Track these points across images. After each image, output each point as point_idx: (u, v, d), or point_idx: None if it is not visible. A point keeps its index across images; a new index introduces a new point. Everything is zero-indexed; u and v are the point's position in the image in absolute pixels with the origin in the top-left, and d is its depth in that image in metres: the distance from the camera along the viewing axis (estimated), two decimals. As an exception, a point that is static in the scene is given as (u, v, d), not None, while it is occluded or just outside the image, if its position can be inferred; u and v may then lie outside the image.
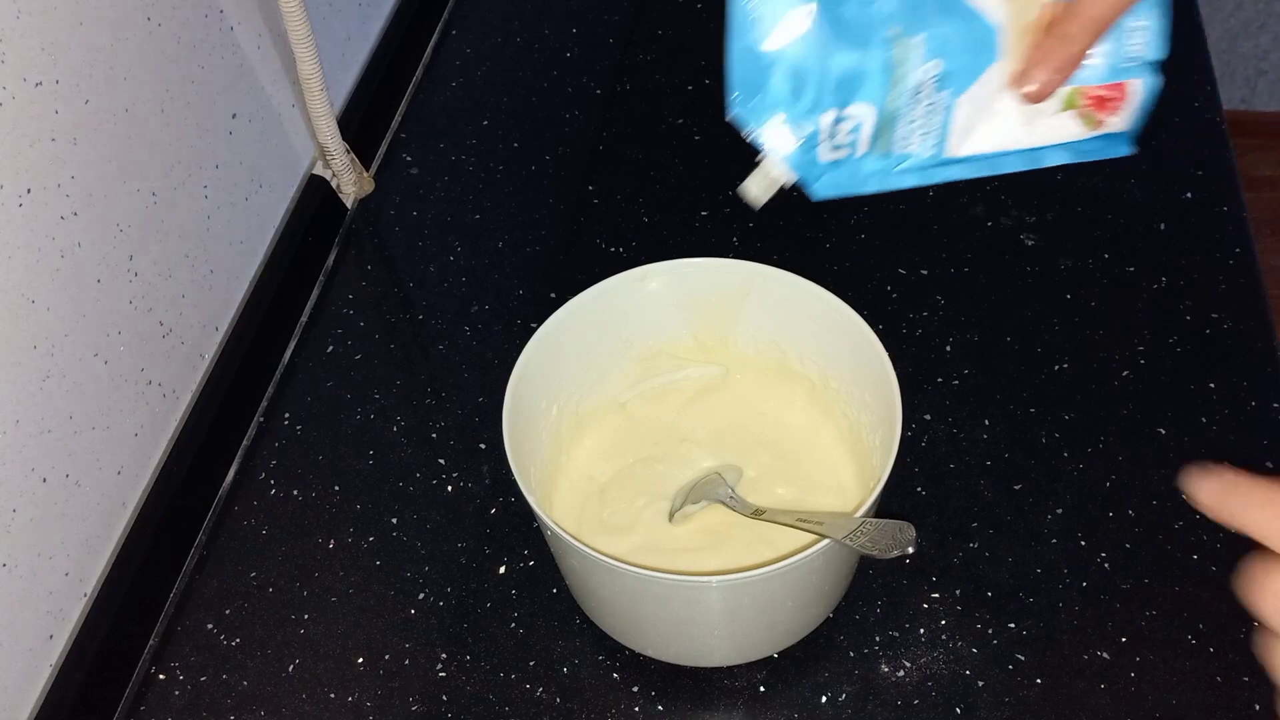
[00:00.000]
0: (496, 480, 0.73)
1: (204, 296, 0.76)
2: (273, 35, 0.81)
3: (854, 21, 0.46)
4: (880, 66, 0.46)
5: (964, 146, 0.48)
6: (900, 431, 0.55)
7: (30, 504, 0.61)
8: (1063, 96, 0.46)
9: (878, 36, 0.46)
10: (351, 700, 0.64)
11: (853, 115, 0.47)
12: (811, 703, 0.62)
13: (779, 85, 0.46)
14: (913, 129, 0.47)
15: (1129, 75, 0.46)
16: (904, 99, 0.47)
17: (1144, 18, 0.45)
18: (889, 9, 0.46)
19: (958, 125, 0.47)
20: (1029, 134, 0.47)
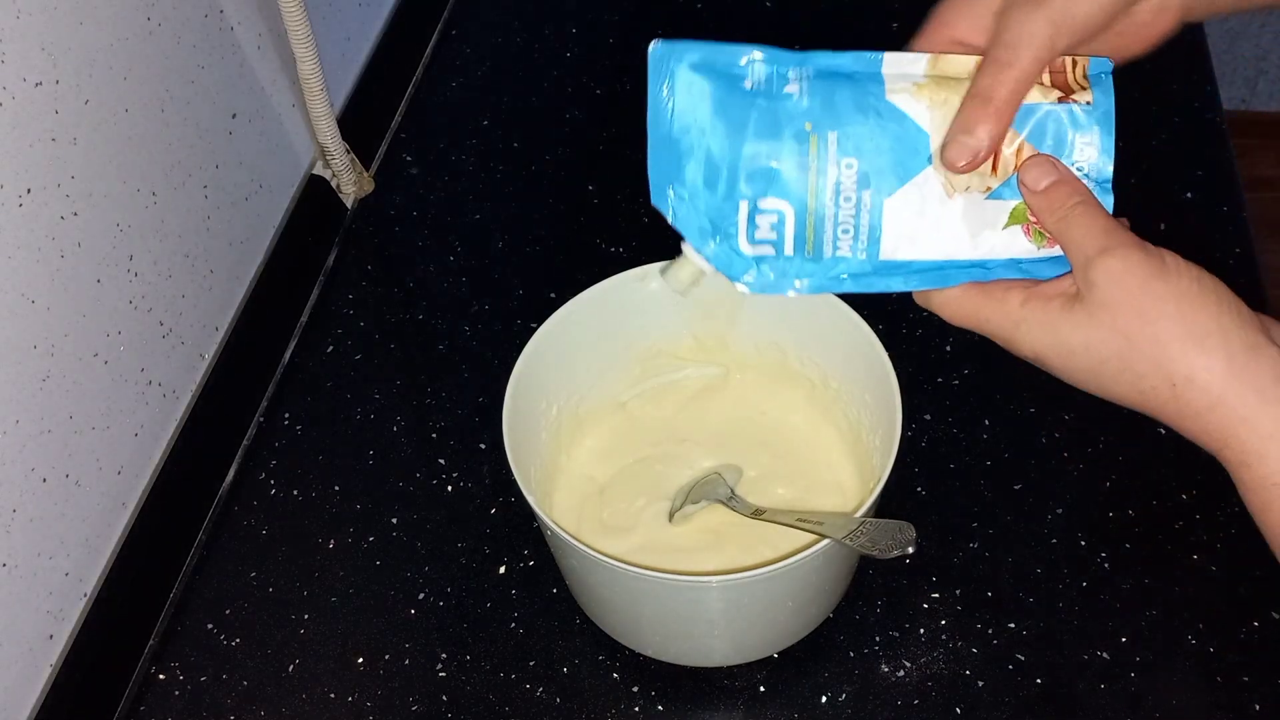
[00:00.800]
0: (496, 480, 0.73)
1: (204, 296, 0.76)
2: (273, 35, 0.81)
3: (767, 113, 0.46)
4: (794, 161, 0.46)
5: (901, 252, 0.46)
6: (900, 431, 0.55)
7: (30, 504, 0.61)
8: (1008, 211, 0.45)
9: (790, 130, 0.46)
10: (351, 700, 0.64)
11: (769, 209, 0.46)
12: (811, 703, 0.62)
13: (693, 174, 0.46)
14: (843, 231, 0.46)
15: None
16: (825, 198, 0.46)
17: (1090, 134, 0.45)
18: (805, 104, 0.45)
19: (891, 230, 0.46)
20: (974, 246, 0.46)
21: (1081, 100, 0.45)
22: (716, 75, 0.46)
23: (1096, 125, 0.45)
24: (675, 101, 0.46)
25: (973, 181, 0.45)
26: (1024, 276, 0.46)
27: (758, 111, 0.46)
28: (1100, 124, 0.45)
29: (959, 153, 0.44)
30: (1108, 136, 0.45)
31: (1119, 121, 0.46)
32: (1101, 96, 0.45)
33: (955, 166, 0.44)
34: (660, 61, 0.46)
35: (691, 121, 0.46)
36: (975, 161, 0.44)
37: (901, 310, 0.78)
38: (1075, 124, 0.45)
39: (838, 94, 0.45)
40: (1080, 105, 0.45)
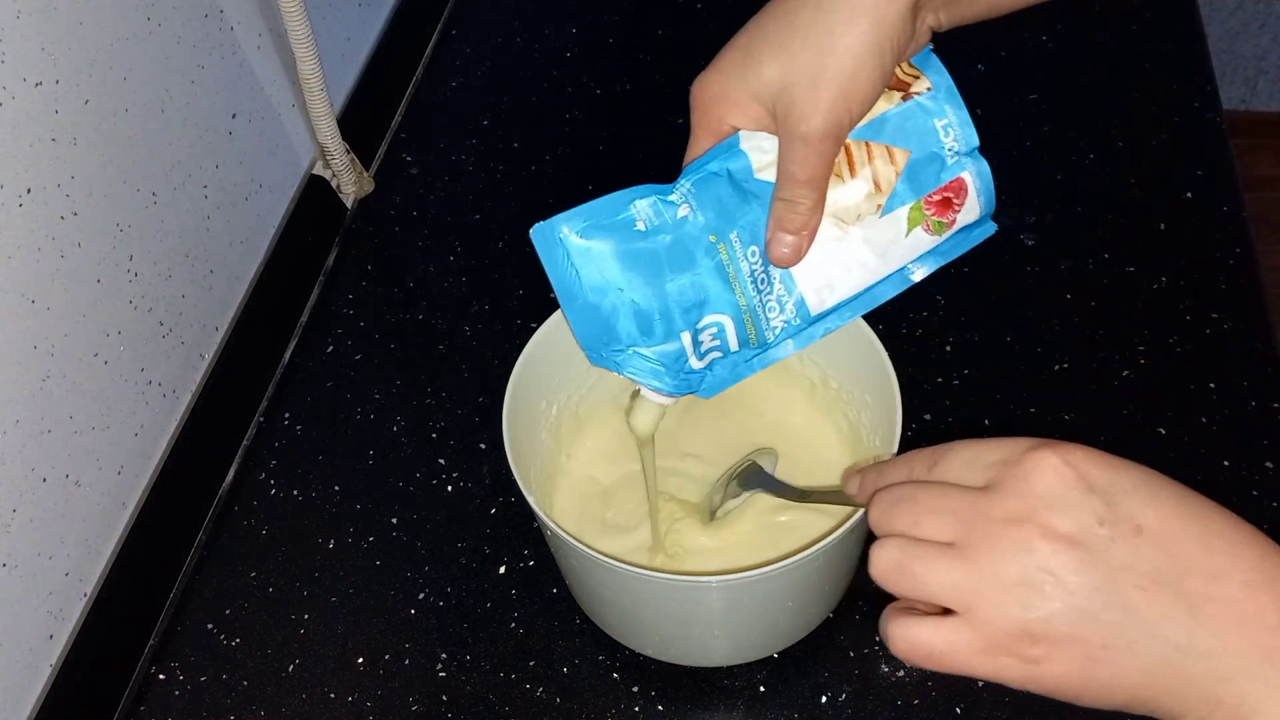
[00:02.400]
0: (496, 480, 0.73)
1: (204, 296, 0.76)
2: (273, 35, 0.81)
3: (674, 245, 0.47)
4: (714, 275, 0.48)
5: (828, 300, 0.48)
6: (900, 431, 0.55)
7: (30, 504, 0.61)
8: (905, 217, 0.47)
9: (700, 249, 0.47)
10: (351, 700, 0.64)
11: (708, 325, 0.48)
12: (811, 703, 0.62)
13: (626, 328, 0.48)
14: (770, 312, 0.48)
15: (959, 170, 0.46)
16: (749, 292, 0.48)
17: (945, 114, 0.46)
18: (701, 220, 0.47)
19: (809, 288, 0.48)
20: (885, 263, 0.48)
21: (922, 89, 0.46)
22: (610, 231, 0.47)
23: (946, 104, 0.46)
24: (581, 271, 0.47)
25: (862, 208, 0.47)
26: (942, 262, 0.48)
27: (665, 248, 0.47)
28: (949, 101, 0.46)
29: (782, 249, 0.46)
30: (960, 109, 0.46)
31: (1122, 120, 0.47)
32: (935, 76, 0.46)
33: (783, 262, 0.47)
34: (547, 241, 0.48)
35: (605, 283, 0.48)
36: (799, 253, 0.46)
37: (901, 310, 0.79)
38: (928, 113, 0.46)
39: (721, 194, 0.47)
40: (923, 94, 0.46)
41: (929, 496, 0.39)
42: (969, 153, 0.46)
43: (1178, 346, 0.75)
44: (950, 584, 0.37)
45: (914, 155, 0.46)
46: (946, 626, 0.37)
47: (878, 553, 0.40)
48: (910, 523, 0.39)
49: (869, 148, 0.46)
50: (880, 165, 0.46)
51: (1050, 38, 0.95)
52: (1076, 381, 0.74)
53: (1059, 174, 0.85)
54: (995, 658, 0.37)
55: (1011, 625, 0.36)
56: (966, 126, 0.46)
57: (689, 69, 0.46)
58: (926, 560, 0.38)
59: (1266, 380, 0.72)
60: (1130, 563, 0.36)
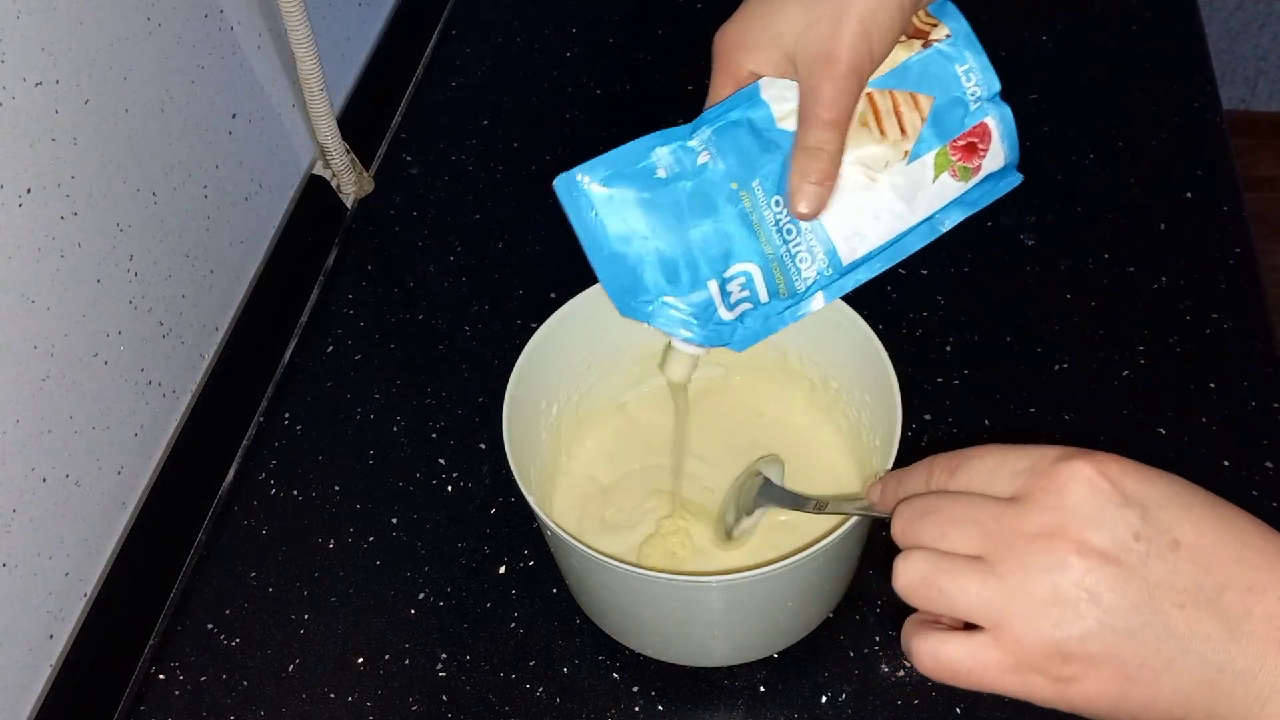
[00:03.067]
0: (496, 480, 0.73)
1: (204, 296, 0.76)
2: (273, 35, 0.81)
3: (695, 193, 0.47)
4: (738, 223, 0.47)
5: (859, 249, 0.48)
6: (900, 431, 0.55)
7: (30, 504, 0.61)
8: (932, 163, 0.47)
9: (722, 197, 0.47)
10: (351, 700, 0.64)
11: (737, 274, 0.48)
12: (811, 703, 0.62)
13: (653, 277, 0.48)
14: (801, 262, 0.48)
15: (982, 115, 0.46)
16: (775, 241, 0.48)
17: (966, 60, 0.46)
18: (722, 167, 0.47)
19: (839, 237, 0.47)
20: (913, 210, 0.47)
21: (940, 36, 0.46)
22: (631, 179, 0.47)
23: (966, 50, 0.46)
24: (605, 220, 0.47)
25: (889, 155, 0.46)
26: (970, 211, 0.48)
27: (687, 195, 0.47)
28: (968, 47, 0.46)
29: (802, 199, 0.46)
30: (979, 54, 0.46)
31: (1122, 120, 0.47)
32: (953, 23, 0.46)
33: (804, 215, 0.46)
34: (570, 191, 0.47)
35: (629, 232, 0.47)
36: (821, 205, 0.46)
37: (901, 310, 0.79)
38: (949, 59, 0.46)
39: (743, 143, 0.47)
40: (943, 41, 0.46)
41: (955, 508, 0.38)
42: (991, 98, 0.46)
43: (1178, 346, 0.75)
44: (980, 601, 0.36)
45: (937, 101, 0.46)
46: (975, 644, 0.36)
47: (903, 566, 0.38)
48: (936, 535, 0.38)
49: (893, 95, 0.46)
50: (905, 111, 0.46)
51: (1050, 38, 0.95)
52: (1076, 381, 0.74)
53: (1059, 174, 0.85)
54: (1025, 676, 0.36)
55: (1044, 644, 0.35)
56: (988, 71, 0.46)
57: (689, 69, 0.46)
58: (954, 575, 0.37)
59: (1266, 380, 0.72)
60: (1168, 579, 0.34)
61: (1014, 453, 0.38)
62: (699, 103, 0.92)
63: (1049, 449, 0.38)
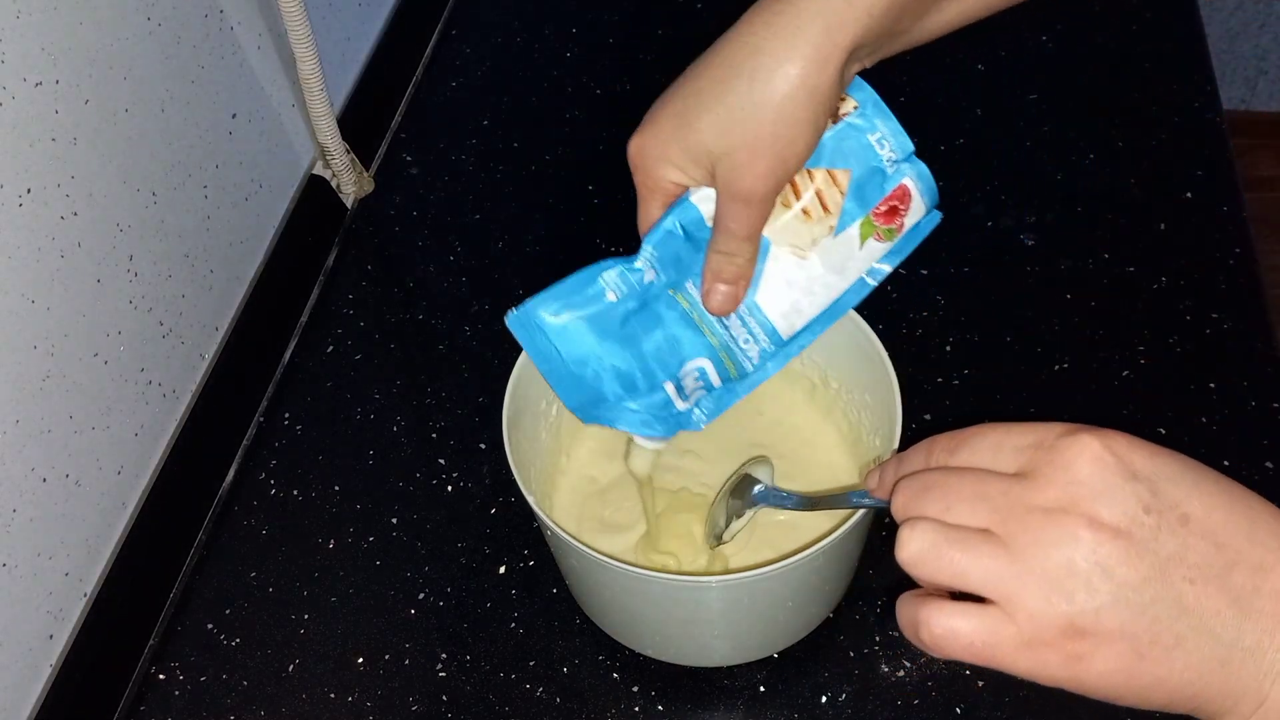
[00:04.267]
0: (496, 480, 0.73)
1: (204, 296, 0.76)
2: (273, 35, 0.81)
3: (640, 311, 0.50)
4: (682, 325, 0.50)
5: (797, 323, 0.50)
6: (900, 432, 0.55)
7: (30, 504, 0.61)
8: (857, 233, 0.48)
9: (663, 305, 0.50)
10: (351, 700, 0.64)
11: (691, 370, 0.51)
12: (811, 703, 0.62)
13: (611, 389, 0.50)
14: (745, 344, 0.50)
15: (899, 177, 0.48)
16: (718, 330, 0.50)
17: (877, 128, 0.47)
18: (664, 278, 0.50)
19: (776, 313, 0.50)
20: (845, 278, 0.49)
21: (849, 109, 0.47)
22: (581, 306, 0.50)
23: (876, 118, 0.47)
24: (560, 348, 0.50)
25: (816, 233, 0.48)
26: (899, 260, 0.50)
27: (635, 313, 0.50)
28: (877, 115, 0.47)
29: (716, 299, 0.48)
30: (889, 120, 0.47)
31: (1122, 120, 0.47)
32: (858, 94, 0.47)
33: (720, 311, 0.48)
34: (525, 327, 0.50)
35: (584, 354, 0.50)
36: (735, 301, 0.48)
37: (901, 310, 0.79)
38: (860, 130, 0.47)
39: (678, 248, 0.49)
40: (852, 114, 0.47)
41: (961, 482, 0.37)
42: (906, 158, 0.48)
43: (1178, 346, 0.75)
44: (992, 573, 0.35)
45: (855, 173, 0.47)
46: (990, 618, 0.35)
47: (909, 534, 0.36)
48: (942, 508, 0.37)
49: (811, 175, 0.47)
50: (825, 189, 0.47)
51: (1050, 38, 0.95)
52: (1076, 381, 0.74)
53: (1059, 174, 0.85)
54: (1038, 652, 0.35)
55: (1057, 619, 0.34)
56: (899, 135, 0.47)
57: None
58: (966, 545, 0.35)
59: (1266, 380, 0.72)
60: (1179, 553, 0.34)
61: (1017, 429, 0.38)
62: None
63: (1053, 425, 0.37)
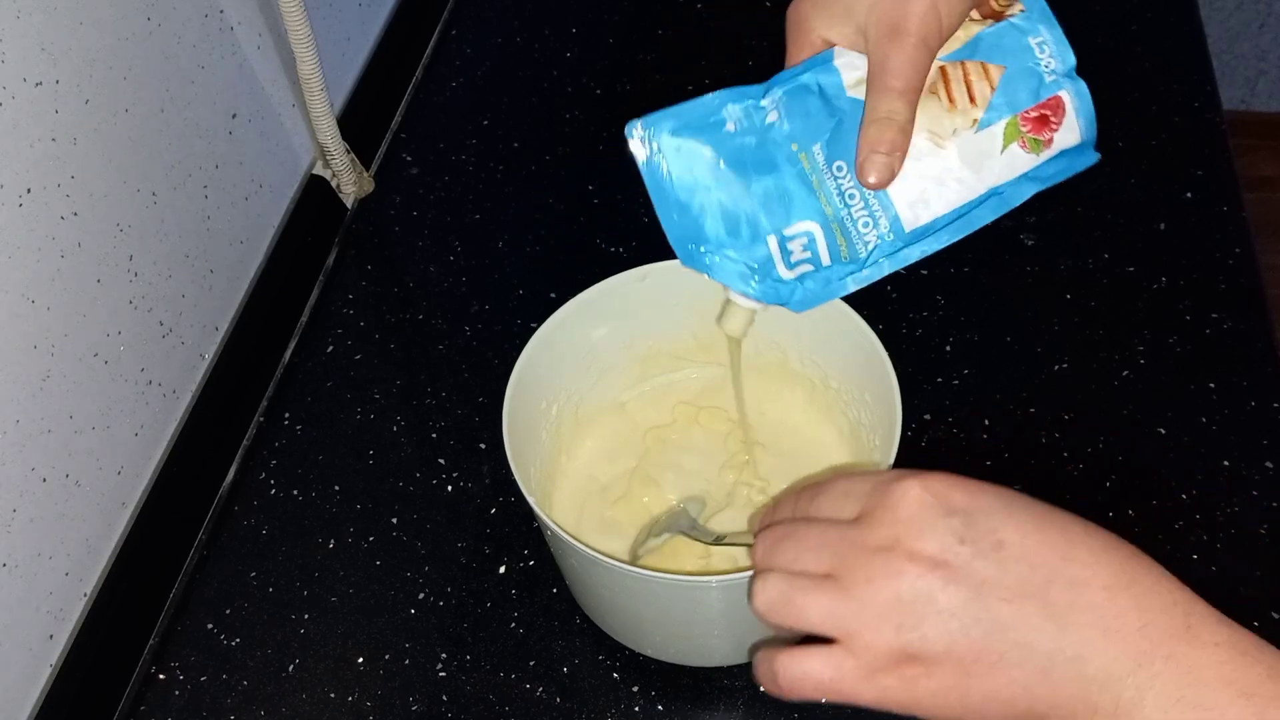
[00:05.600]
0: (496, 480, 0.73)
1: (204, 296, 0.76)
2: (273, 35, 0.81)
3: (757, 150, 0.47)
4: (798, 182, 0.47)
5: (923, 216, 0.47)
6: (900, 431, 0.55)
7: (30, 504, 0.61)
8: (1001, 133, 0.46)
9: (784, 156, 0.47)
10: (351, 700, 0.64)
11: (797, 233, 0.48)
12: (811, 702, 0.62)
13: (714, 228, 0.48)
14: (864, 226, 0.48)
15: (1056, 89, 0.46)
16: (836, 203, 0.48)
17: (1039, 32, 0.46)
18: (786, 128, 0.47)
19: (902, 201, 0.47)
20: (980, 179, 0.47)
21: (1015, 11, 0.46)
22: (699, 131, 0.48)
23: (1040, 23, 0.46)
24: (671, 169, 0.48)
25: (957, 123, 0.46)
26: (1041, 187, 0.47)
27: (750, 150, 0.47)
28: (1042, 20, 0.46)
29: (872, 169, 0.46)
30: (1054, 28, 0.46)
31: (1122, 120, 0.47)
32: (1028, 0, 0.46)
33: (872, 184, 0.46)
34: (643, 141, 0.48)
35: (694, 182, 0.48)
36: (891, 174, 0.46)
37: (901, 310, 0.79)
38: (1021, 31, 0.46)
39: (810, 106, 0.47)
40: (1016, 16, 0.46)
41: (806, 533, 0.41)
42: (1066, 73, 0.46)
43: (1178, 346, 0.75)
44: (829, 613, 0.39)
45: (1009, 71, 0.46)
46: (833, 655, 0.39)
47: (760, 586, 0.41)
48: (790, 558, 0.41)
49: (964, 66, 0.46)
50: (975, 81, 0.46)
51: (1050, 38, 0.95)
52: (1076, 381, 0.74)
53: (1059, 174, 0.85)
54: (878, 681, 0.38)
55: (889, 647, 0.37)
56: (1062, 45, 0.46)
57: (689, 69, 0.47)
58: (806, 591, 0.40)
59: (1266, 380, 0.72)
60: (995, 576, 0.37)
61: (859, 479, 0.42)
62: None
63: (889, 472, 0.41)
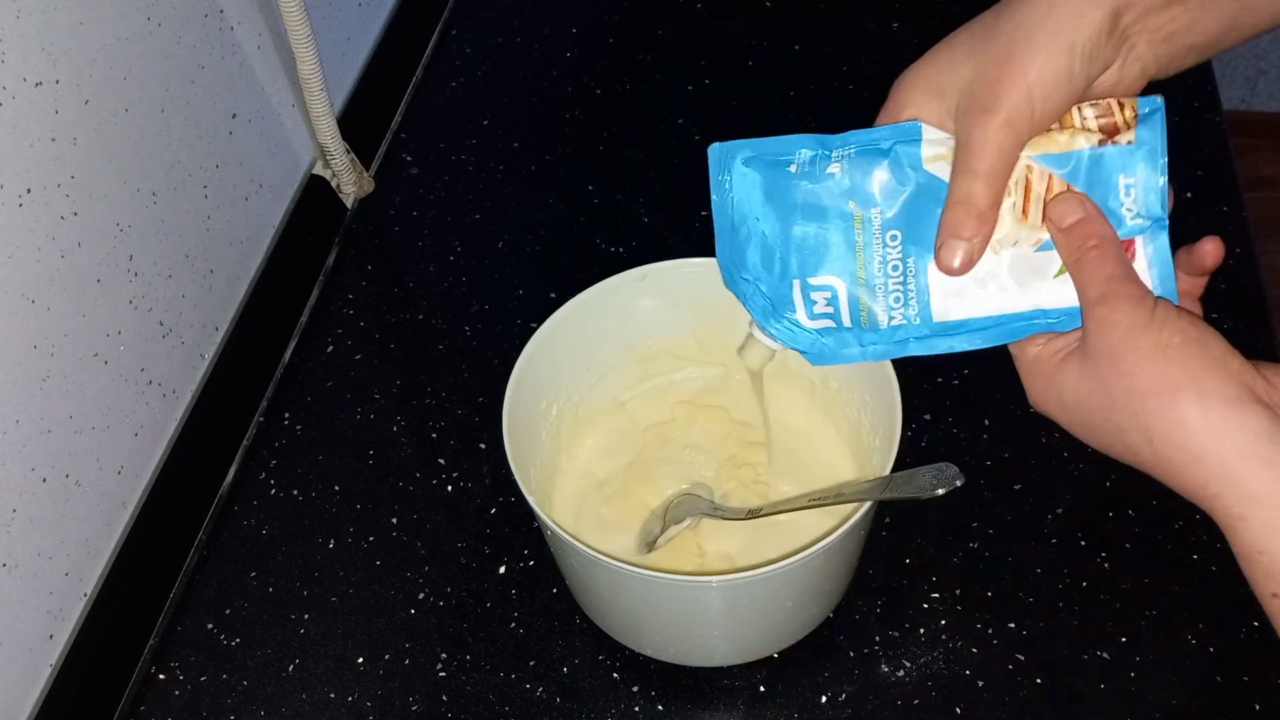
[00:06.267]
0: (496, 480, 0.73)
1: (204, 296, 0.76)
2: (273, 35, 0.81)
3: (812, 195, 0.47)
4: (841, 238, 0.47)
5: (953, 312, 0.47)
6: (900, 431, 0.55)
7: (30, 504, 0.61)
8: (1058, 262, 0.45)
9: (835, 210, 0.47)
10: (351, 700, 0.64)
11: (822, 284, 0.48)
12: (811, 703, 0.62)
13: (753, 258, 0.49)
14: (893, 300, 0.47)
15: (1133, 234, 0.44)
16: (873, 270, 0.47)
17: (1135, 173, 0.44)
18: (847, 183, 0.47)
19: (937, 290, 0.46)
20: (1024, 295, 0.46)
21: (1123, 140, 0.44)
22: (766, 165, 0.48)
23: (1141, 163, 0.44)
24: (734, 193, 0.48)
25: (1021, 235, 0.45)
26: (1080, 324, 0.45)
27: (803, 194, 0.47)
28: (1145, 161, 0.44)
29: (951, 256, 0.45)
30: (1153, 174, 0.44)
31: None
32: (1148, 134, 0.44)
33: (951, 270, 0.45)
34: (719, 159, 0.48)
35: (748, 209, 0.48)
36: (969, 262, 0.45)
37: (901, 310, 0.79)
38: (1116, 165, 0.44)
39: (877, 169, 0.46)
40: (1122, 145, 0.44)
41: None
42: (1153, 221, 0.45)
43: (1178, 346, 0.75)
44: None
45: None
46: None
47: None
48: None
49: (1050, 179, 0.44)
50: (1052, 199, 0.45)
51: (1050, 38, 0.95)
52: (1076, 381, 0.74)
53: (1059, 174, 0.85)
54: None
55: None
56: (1153, 193, 0.44)
57: (689, 69, 0.47)
58: None
59: (1266, 380, 0.72)
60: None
61: None
62: (699, 103, 0.92)
63: None
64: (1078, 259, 0.43)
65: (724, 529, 0.63)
